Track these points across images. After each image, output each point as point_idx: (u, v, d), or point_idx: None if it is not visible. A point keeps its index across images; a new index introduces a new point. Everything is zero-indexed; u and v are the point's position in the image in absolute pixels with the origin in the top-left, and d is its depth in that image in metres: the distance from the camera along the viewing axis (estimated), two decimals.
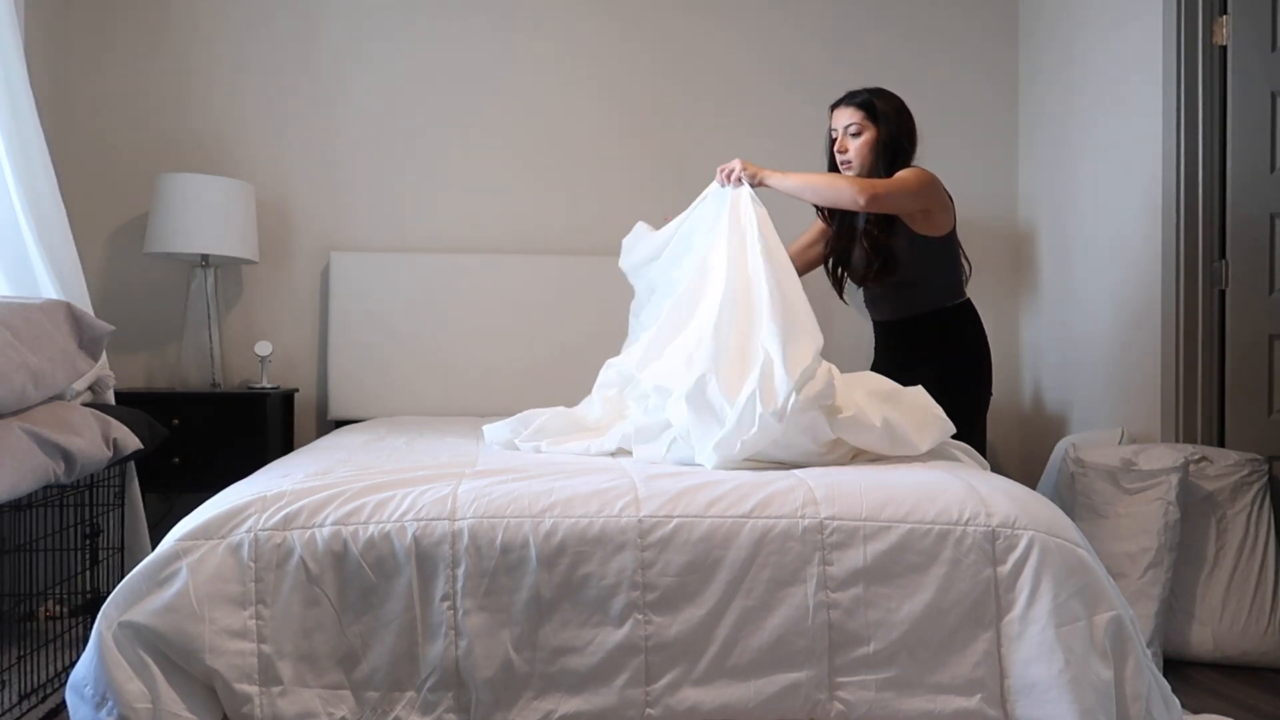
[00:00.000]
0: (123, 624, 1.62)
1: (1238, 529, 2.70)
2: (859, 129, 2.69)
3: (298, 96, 3.82)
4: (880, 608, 1.69)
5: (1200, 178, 3.00)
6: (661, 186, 3.93)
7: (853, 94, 2.73)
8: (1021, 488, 1.86)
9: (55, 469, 2.12)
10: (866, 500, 1.75)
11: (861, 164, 2.69)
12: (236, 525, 1.71)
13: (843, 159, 2.72)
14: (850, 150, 2.70)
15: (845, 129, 2.71)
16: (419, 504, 1.74)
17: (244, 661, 1.64)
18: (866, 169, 2.69)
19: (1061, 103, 3.72)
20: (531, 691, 1.66)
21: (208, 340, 3.53)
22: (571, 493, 1.77)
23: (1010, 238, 4.05)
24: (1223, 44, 2.99)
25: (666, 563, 1.69)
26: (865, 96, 2.70)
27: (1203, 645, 2.66)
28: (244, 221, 3.52)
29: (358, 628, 1.67)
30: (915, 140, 2.72)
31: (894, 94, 2.73)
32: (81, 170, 3.66)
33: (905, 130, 2.70)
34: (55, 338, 2.34)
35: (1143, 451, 2.78)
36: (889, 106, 2.69)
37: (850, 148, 2.70)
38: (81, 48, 3.72)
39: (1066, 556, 1.69)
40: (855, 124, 2.69)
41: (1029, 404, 3.96)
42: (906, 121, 2.71)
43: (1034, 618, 1.66)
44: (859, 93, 2.72)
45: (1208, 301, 3.01)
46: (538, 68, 3.91)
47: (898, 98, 2.73)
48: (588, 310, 3.75)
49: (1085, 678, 1.61)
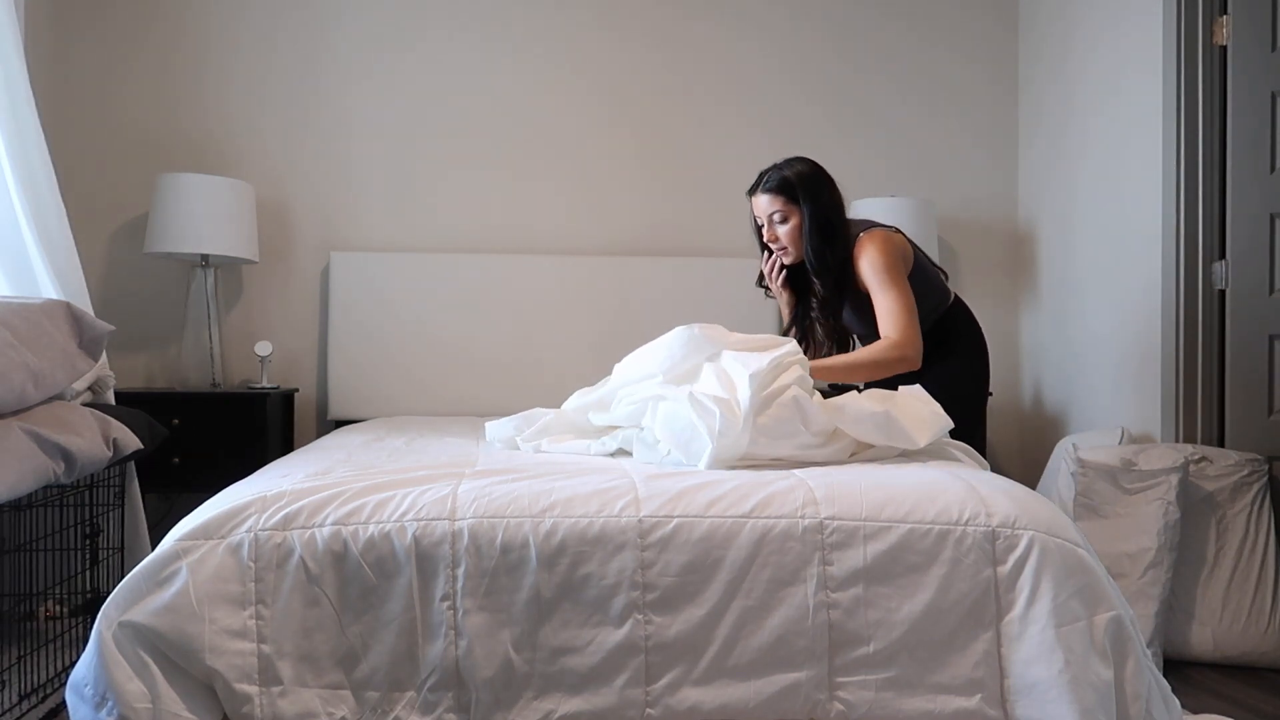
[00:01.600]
0: (123, 624, 1.62)
1: (1238, 529, 2.71)
2: (784, 214, 2.56)
3: (298, 96, 3.82)
4: (880, 608, 1.68)
5: (1200, 178, 3.01)
6: (661, 186, 3.94)
7: (763, 178, 2.59)
8: (1021, 488, 1.85)
9: (55, 469, 2.12)
10: (866, 500, 1.75)
11: (796, 250, 2.60)
12: (236, 525, 1.70)
13: (777, 247, 2.62)
14: (782, 237, 2.59)
15: (770, 218, 2.59)
16: (419, 504, 1.73)
17: (244, 661, 1.64)
18: (800, 251, 2.59)
19: (1062, 103, 3.73)
20: (531, 691, 1.66)
21: (208, 340, 3.53)
22: (571, 493, 1.76)
23: (1010, 237, 4.05)
24: (1223, 44, 2.99)
25: (667, 563, 1.68)
26: (777, 178, 2.56)
27: (1203, 645, 2.66)
28: (244, 221, 3.53)
29: (358, 628, 1.67)
30: (842, 204, 2.59)
31: (805, 159, 2.59)
32: (81, 170, 3.67)
33: (830, 201, 2.56)
34: (55, 338, 2.33)
35: (1143, 451, 2.78)
36: (805, 179, 2.54)
37: (780, 235, 2.59)
38: (81, 48, 3.72)
39: (1066, 557, 1.68)
40: (778, 210, 2.57)
41: (1029, 404, 3.96)
42: (827, 188, 2.57)
43: (1034, 618, 1.65)
44: (768, 174, 2.59)
45: (1208, 301, 3.02)
46: (537, 69, 3.91)
47: (811, 164, 2.58)
48: (588, 310, 3.76)
49: (1085, 678, 1.61)
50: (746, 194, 2.66)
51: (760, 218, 2.63)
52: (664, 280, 3.81)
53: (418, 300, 3.72)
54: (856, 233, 2.58)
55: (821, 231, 2.55)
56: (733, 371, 2.09)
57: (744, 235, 3.88)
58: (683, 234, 3.94)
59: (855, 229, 2.60)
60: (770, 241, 2.63)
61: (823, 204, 2.55)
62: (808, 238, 2.55)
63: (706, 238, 3.94)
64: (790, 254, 2.62)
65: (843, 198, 2.61)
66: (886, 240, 2.54)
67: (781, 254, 2.64)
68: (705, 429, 1.97)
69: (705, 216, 3.95)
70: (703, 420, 1.98)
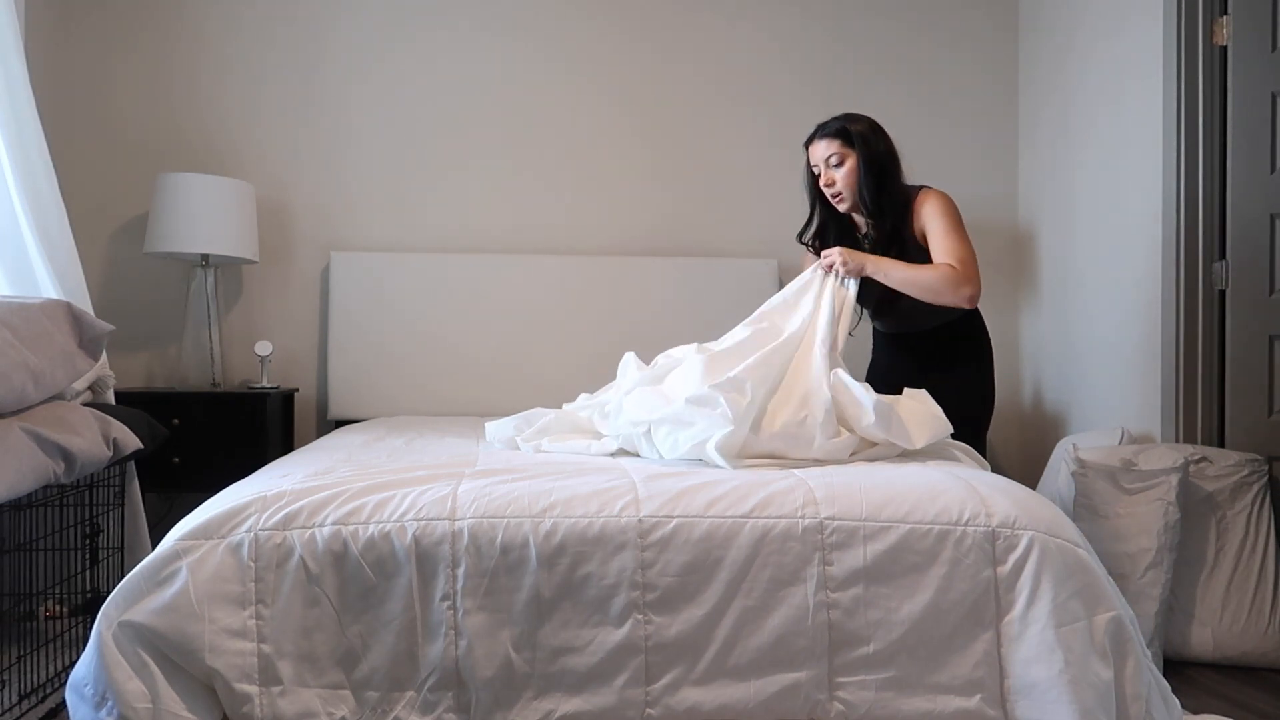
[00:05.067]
0: (123, 624, 1.63)
1: (1238, 529, 2.70)
2: (839, 158, 2.62)
3: (298, 96, 3.82)
4: (880, 608, 1.69)
5: (1200, 178, 3.00)
6: (663, 185, 3.93)
7: (823, 126, 2.66)
8: (1021, 488, 1.86)
9: (55, 468, 2.12)
10: (866, 500, 1.76)
11: (851, 192, 2.63)
12: (236, 525, 1.71)
13: (831, 192, 2.66)
14: (836, 181, 2.64)
15: (826, 161, 2.64)
16: (419, 504, 1.74)
17: (244, 661, 1.64)
18: (855, 195, 2.63)
19: (1061, 103, 3.72)
20: (531, 691, 1.67)
21: (208, 340, 3.53)
22: (571, 493, 1.77)
23: (1010, 237, 4.05)
24: (1223, 44, 2.99)
25: (666, 563, 1.69)
26: (837, 124, 2.63)
27: (1203, 645, 2.66)
28: (244, 221, 3.52)
29: (358, 627, 1.68)
30: (897, 155, 2.66)
31: (864, 115, 2.67)
32: (82, 170, 3.66)
33: (885, 147, 2.63)
34: (55, 337, 2.33)
35: (1143, 452, 2.78)
36: (863, 128, 2.62)
37: (835, 179, 2.63)
38: (81, 47, 3.71)
39: (1066, 557, 1.69)
40: (834, 154, 2.62)
41: (1029, 404, 3.96)
42: (884, 139, 2.64)
43: (1034, 618, 1.66)
44: (829, 123, 2.65)
45: (1208, 302, 3.01)
46: (538, 66, 3.90)
47: (869, 117, 2.67)
48: (589, 311, 3.76)
49: (1085, 678, 1.62)
50: (804, 144, 2.72)
51: (817, 164, 2.68)
52: (666, 280, 3.80)
53: (418, 300, 3.71)
54: (914, 192, 2.65)
55: (877, 175, 2.60)
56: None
57: (747, 235, 3.93)
58: (684, 234, 3.93)
59: (913, 190, 2.67)
60: (826, 186, 2.67)
61: (878, 150, 2.61)
62: (863, 180, 2.60)
63: (708, 237, 3.93)
64: (845, 199, 2.66)
65: (898, 152, 2.67)
66: (953, 200, 2.62)
67: (836, 200, 2.68)
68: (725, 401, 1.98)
69: (707, 216, 3.94)
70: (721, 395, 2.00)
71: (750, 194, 3.94)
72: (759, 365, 2.15)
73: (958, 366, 2.70)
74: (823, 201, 2.73)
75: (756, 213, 3.92)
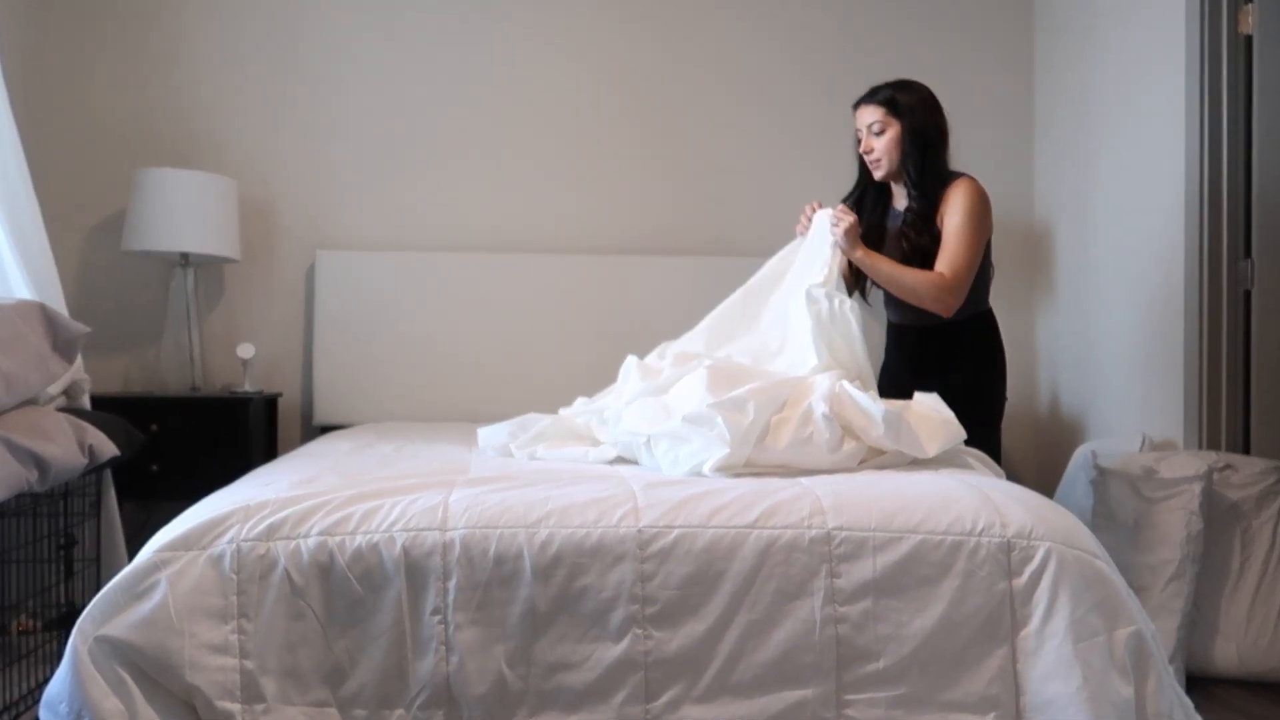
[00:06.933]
0: (99, 638, 1.61)
1: (1263, 539, 2.67)
2: (882, 126, 2.64)
3: (282, 89, 3.78)
4: (890, 622, 1.67)
5: (1224, 173, 2.95)
6: (663, 181, 3.90)
7: (874, 90, 2.68)
8: (1038, 496, 1.84)
9: (28, 476, 2.11)
10: (876, 510, 1.73)
11: (889, 161, 2.65)
12: (218, 536, 1.69)
13: (871, 159, 2.68)
14: (876, 149, 2.66)
15: (869, 128, 2.67)
16: (408, 513, 1.72)
17: (226, 678, 1.63)
18: (895, 165, 2.65)
19: (1079, 95, 3.68)
20: (526, 709, 1.64)
21: (188, 342, 3.50)
22: (568, 502, 1.75)
23: (1026, 235, 4.02)
24: (1248, 33, 2.94)
25: (667, 575, 1.67)
26: (886, 92, 2.65)
27: (1227, 661, 2.63)
28: (226, 218, 3.49)
29: (344, 642, 1.66)
30: (945, 130, 2.67)
31: (919, 84, 2.68)
32: (56, 165, 3.61)
33: (932, 121, 2.63)
34: (29, 339, 2.32)
35: (1165, 459, 2.75)
36: (912, 98, 2.63)
37: (875, 146, 2.66)
38: (56, 37, 3.67)
39: (1085, 569, 1.67)
40: (877, 121, 2.64)
41: (1045, 409, 3.93)
42: (933, 112, 2.65)
43: (1051, 633, 1.64)
44: (880, 88, 2.67)
45: (1232, 302, 2.97)
46: (533, 59, 3.87)
47: (923, 88, 2.67)
48: (585, 311, 3.73)
49: (1104, 695, 1.60)
50: (852, 107, 2.73)
51: (861, 130, 2.70)
52: (667, 281, 3.77)
53: (407, 301, 3.68)
54: (951, 178, 2.65)
55: (919, 146, 2.61)
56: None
57: (752, 234, 3.87)
58: (686, 232, 3.90)
59: (951, 176, 2.67)
60: (865, 153, 2.69)
61: (923, 121, 2.62)
62: (905, 149, 2.61)
63: (709, 237, 3.89)
64: (881, 166, 2.67)
65: (947, 128, 2.68)
66: (986, 197, 2.61)
67: (874, 166, 2.69)
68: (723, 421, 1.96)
69: (711, 214, 3.91)
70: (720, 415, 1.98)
71: (756, 192, 3.90)
72: (766, 389, 2.11)
73: (969, 366, 2.69)
74: (864, 167, 2.74)
75: (762, 211, 3.87)
